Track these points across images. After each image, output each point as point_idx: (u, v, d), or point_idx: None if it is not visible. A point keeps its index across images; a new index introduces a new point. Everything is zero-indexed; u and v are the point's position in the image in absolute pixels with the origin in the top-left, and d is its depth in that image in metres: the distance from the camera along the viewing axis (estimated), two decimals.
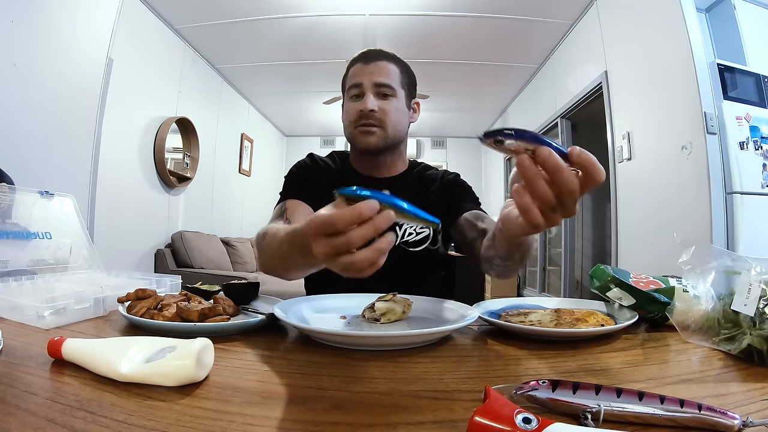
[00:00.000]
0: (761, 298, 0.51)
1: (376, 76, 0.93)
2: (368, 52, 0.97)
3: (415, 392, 0.40)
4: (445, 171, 1.09)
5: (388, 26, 3.48)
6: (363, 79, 0.93)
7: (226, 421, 0.33)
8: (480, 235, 0.86)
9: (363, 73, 0.93)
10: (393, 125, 0.94)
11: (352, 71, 0.97)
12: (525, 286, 4.96)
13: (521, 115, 4.87)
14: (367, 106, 0.90)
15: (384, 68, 0.94)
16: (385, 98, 0.93)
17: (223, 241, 4.02)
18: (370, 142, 0.93)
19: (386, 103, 0.93)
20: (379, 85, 0.92)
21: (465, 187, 1.05)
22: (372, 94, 0.92)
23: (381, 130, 0.92)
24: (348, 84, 0.97)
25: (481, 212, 0.95)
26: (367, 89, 0.92)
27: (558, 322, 0.62)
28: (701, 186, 1.97)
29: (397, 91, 0.95)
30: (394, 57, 0.98)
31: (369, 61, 0.95)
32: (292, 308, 0.66)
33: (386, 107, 0.93)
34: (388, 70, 0.95)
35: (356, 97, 0.94)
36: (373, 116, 0.91)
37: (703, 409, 0.32)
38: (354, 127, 0.94)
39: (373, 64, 0.94)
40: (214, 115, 4.41)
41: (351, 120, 0.94)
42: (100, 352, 0.42)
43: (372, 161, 1.00)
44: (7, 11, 1.75)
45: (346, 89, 0.98)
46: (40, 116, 1.92)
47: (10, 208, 0.83)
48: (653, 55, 2.36)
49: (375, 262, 0.39)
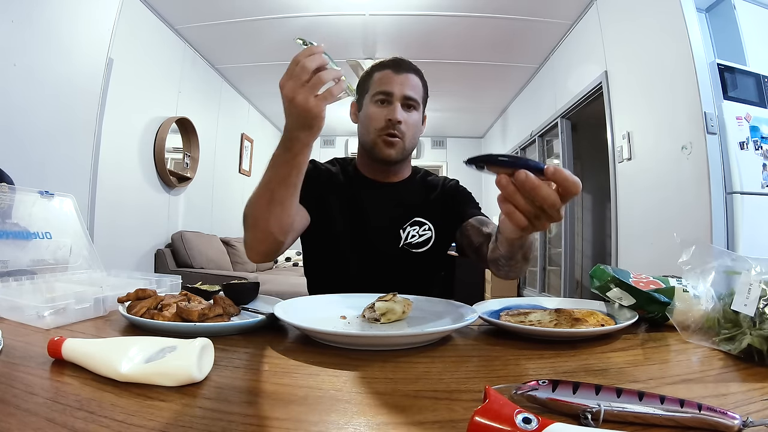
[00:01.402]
0: (761, 298, 0.51)
1: (406, 88, 0.95)
2: (399, 61, 0.98)
3: (415, 392, 0.40)
4: (445, 178, 1.11)
5: (388, 26, 3.48)
6: (394, 89, 0.94)
7: (226, 421, 0.33)
8: (486, 239, 0.88)
9: (394, 82, 0.94)
10: (411, 138, 0.97)
11: (380, 76, 0.97)
12: (525, 286, 4.96)
13: (521, 115, 4.87)
14: (397, 117, 0.92)
15: (412, 81, 0.96)
16: (409, 110, 0.96)
17: (223, 241, 4.02)
18: (391, 155, 0.95)
19: (410, 115, 0.96)
20: (407, 97, 0.95)
21: (466, 194, 1.08)
22: (400, 105, 0.94)
23: (402, 142, 0.95)
24: (374, 89, 0.97)
25: (484, 218, 0.98)
26: (396, 99, 0.94)
27: (558, 322, 0.62)
28: (701, 186, 1.97)
29: (419, 105, 0.98)
30: (419, 71, 1.00)
31: (400, 71, 0.96)
32: (292, 308, 0.66)
33: (410, 120, 0.95)
34: (415, 84, 0.97)
35: (382, 103, 0.95)
36: (399, 128, 0.94)
37: (703, 409, 0.32)
38: (378, 135, 0.95)
39: (404, 75, 0.95)
40: (214, 115, 4.41)
41: (377, 127, 0.95)
42: (100, 352, 0.42)
43: (383, 168, 1.02)
44: (7, 11, 1.75)
45: (369, 92, 0.98)
46: (40, 116, 1.92)
47: (10, 208, 0.83)
48: (653, 55, 2.36)
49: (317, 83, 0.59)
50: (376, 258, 0.97)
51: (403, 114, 0.94)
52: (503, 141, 5.61)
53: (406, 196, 1.03)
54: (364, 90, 1.00)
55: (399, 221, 1.00)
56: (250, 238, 0.77)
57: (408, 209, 1.01)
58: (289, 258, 5.15)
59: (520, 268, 0.76)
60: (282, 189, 0.70)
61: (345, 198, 0.99)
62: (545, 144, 4.29)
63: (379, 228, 0.98)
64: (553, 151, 4.18)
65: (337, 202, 0.99)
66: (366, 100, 0.99)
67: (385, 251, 0.97)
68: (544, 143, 4.29)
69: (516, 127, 5.06)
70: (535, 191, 0.44)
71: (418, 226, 1.00)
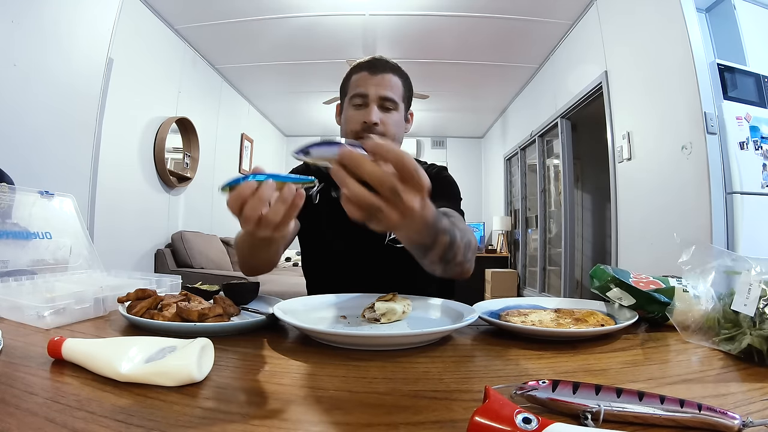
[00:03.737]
0: (761, 298, 0.51)
1: (382, 89, 0.94)
2: (375, 62, 0.97)
3: (415, 392, 0.40)
4: (431, 165, 1.07)
5: (388, 26, 3.48)
6: (369, 90, 0.93)
7: (226, 421, 0.33)
8: None
9: (369, 84, 0.94)
10: (392, 138, 0.96)
11: (356, 79, 0.97)
12: (525, 286, 4.96)
13: (521, 115, 4.87)
14: (372, 119, 0.92)
15: (389, 81, 0.95)
16: (387, 111, 0.95)
17: (223, 241, 4.02)
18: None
19: (388, 116, 0.95)
20: (383, 98, 0.94)
21: (444, 183, 1.02)
22: (376, 107, 0.93)
23: None
24: (351, 91, 0.96)
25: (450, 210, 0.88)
26: (372, 101, 0.93)
27: (558, 322, 0.62)
28: (701, 186, 1.97)
29: (399, 104, 0.97)
30: (397, 69, 0.98)
31: (376, 72, 0.95)
32: (292, 308, 0.66)
33: (388, 120, 0.94)
34: (393, 83, 0.96)
35: (359, 107, 0.95)
36: (376, 129, 0.93)
37: (703, 409, 0.32)
38: (355, 137, 0.94)
39: (380, 76, 0.95)
40: (214, 115, 4.41)
41: (353, 129, 0.94)
42: (100, 352, 0.42)
43: None
44: (7, 11, 1.75)
45: (347, 95, 0.98)
46: (40, 116, 1.92)
47: (10, 208, 0.83)
48: (653, 55, 2.36)
49: (272, 219, 0.50)
50: (363, 256, 0.97)
51: (378, 115, 0.93)
52: (503, 141, 5.61)
53: None
54: (344, 92, 1.00)
55: None
56: (243, 268, 0.83)
57: None
58: (289, 258, 5.15)
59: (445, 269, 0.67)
60: (263, 248, 0.74)
61: (331, 196, 1.00)
62: (545, 144, 4.29)
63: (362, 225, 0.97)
64: (553, 151, 4.18)
65: (324, 200, 1.00)
66: (345, 102, 0.99)
67: (370, 248, 0.97)
68: (544, 143, 4.29)
69: (516, 127, 5.06)
70: (359, 168, 0.41)
71: None
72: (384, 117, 0.94)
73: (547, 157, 4.29)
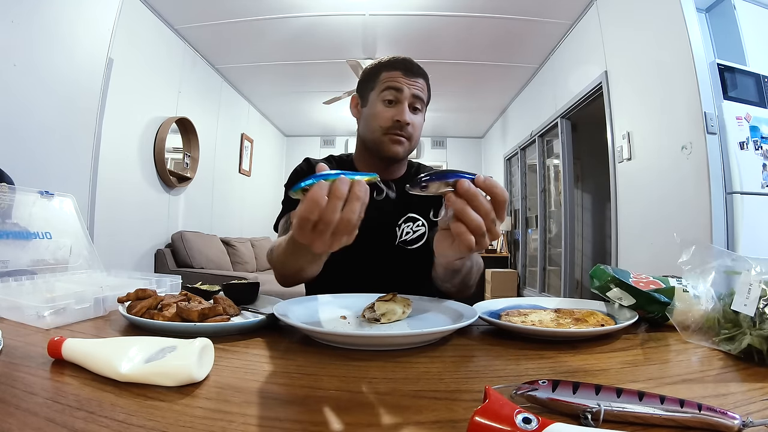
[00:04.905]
0: (761, 298, 0.51)
1: (416, 91, 0.96)
2: (409, 65, 0.97)
3: (415, 392, 0.40)
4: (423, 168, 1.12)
5: (388, 26, 3.48)
6: (404, 91, 0.94)
7: (226, 421, 0.33)
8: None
9: (404, 84, 0.95)
10: (416, 139, 0.99)
11: (389, 76, 0.96)
12: (525, 286, 4.96)
13: (521, 115, 4.87)
14: (405, 119, 0.93)
15: (421, 85, 0.97)
16: (415, 113, 0.97)
17: (223, 241, 4.02)
18: (399, 153, 0.96)
19: (416, 118, 0.97)
20: (416, 98, 0.96)
21: None
22: (407, 107, 0.95)
23: (408, 142, 0.97)
24: (383, 85, 0.96)
25: None
26: (405, 100, 0.94)
27: (558, 322, 0.62)
28: (701, 186, 1.97)
29: (424, 108, 1.00)
30: (426, 75, 1.00)
31: (410, 75, 0.96)
32: (292, 308, 0.66)
33: (416, 122, 0.97)
34: (423, 87, 0.98)
35: (390, 103, 0.95)
36: (407, 129, 0.95)
37: (703, 409, 0.32)
38: (384, 134, 0.95)
39: (413, 79, 0.96)
40: (214, 115, 4.41)
41: (383, 125, 0.95)
42: (100, 352, 0.42)
43: (383, 166, 1.02)
44: (8, 11, 1.75)
45: (375, 89, 0.98)
46: (40, 116, 1.92)
47: (10, 208, 0.83)
48: (653, 55, 2.36)
49: (350, 219, 0.46)
50: (372, 256, 0.97)
51: (411, 116, 0.95)
52: (503, 141, 5.61)
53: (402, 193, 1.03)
54: (370, 86, 0.99)
55: (394, 218, 1.00)
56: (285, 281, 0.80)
57: (403, 206, 1.01)
58: None
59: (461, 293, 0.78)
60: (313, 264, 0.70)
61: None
62: (545, 144, 4.29)
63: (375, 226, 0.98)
64: (553, 151, 4.18)
65: None
66: (372, 96, 0.98)
67: (381, 249, 0.97)
68: (544, 143, 4.29)
69: (516, 127, 5.06)
70: (474, 201, 0.46)
71: (412, 222, 1.00)
72: (413, 119, 0.96)
73: (547, 157, 4.29)
